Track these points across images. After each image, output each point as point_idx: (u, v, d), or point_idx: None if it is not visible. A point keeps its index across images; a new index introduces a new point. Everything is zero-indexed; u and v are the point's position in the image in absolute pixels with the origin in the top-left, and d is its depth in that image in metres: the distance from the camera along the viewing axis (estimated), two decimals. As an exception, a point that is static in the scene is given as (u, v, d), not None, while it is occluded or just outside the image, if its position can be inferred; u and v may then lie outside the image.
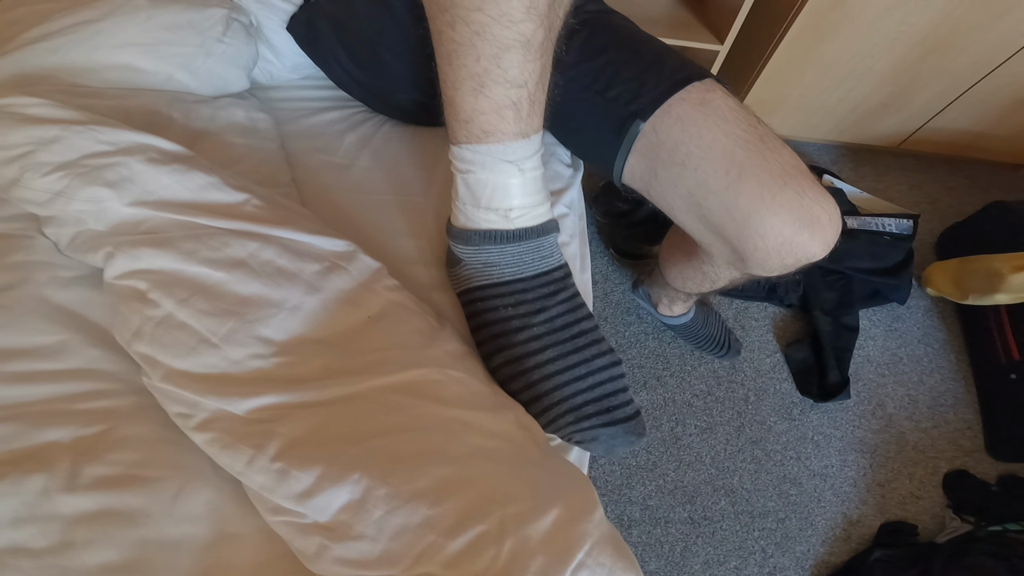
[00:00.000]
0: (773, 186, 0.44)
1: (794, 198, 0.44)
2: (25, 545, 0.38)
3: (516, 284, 0.49)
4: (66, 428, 0.41)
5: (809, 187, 0.45)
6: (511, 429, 0.42)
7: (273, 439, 0.38)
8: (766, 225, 0.45)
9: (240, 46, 0.61)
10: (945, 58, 1.08)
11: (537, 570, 0.34)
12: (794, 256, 0.47)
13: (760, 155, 0.45)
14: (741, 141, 0.45)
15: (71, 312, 0.44)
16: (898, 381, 1.16)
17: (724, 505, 1.03)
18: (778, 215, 0.44)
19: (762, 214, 0.45)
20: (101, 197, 0.42)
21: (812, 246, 0.46)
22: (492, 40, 0.36)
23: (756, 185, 0.44)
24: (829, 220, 0.46)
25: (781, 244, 0.46)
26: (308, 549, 0.37)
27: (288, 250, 0.45)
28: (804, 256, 0.47)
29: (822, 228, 0.46)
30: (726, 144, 0.46)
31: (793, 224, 0.45)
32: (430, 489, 0.36)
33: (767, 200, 0.44)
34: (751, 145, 0.45)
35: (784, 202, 0.44)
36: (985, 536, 0.95)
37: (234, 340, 0.40)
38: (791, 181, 0.45)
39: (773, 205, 0.44)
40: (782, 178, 0.45)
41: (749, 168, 0.45)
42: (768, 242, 0.46)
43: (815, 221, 0.45)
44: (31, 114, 0.43)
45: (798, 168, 0.46)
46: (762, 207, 0.45)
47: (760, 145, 0.46)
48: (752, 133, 0.46)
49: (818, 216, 0.45)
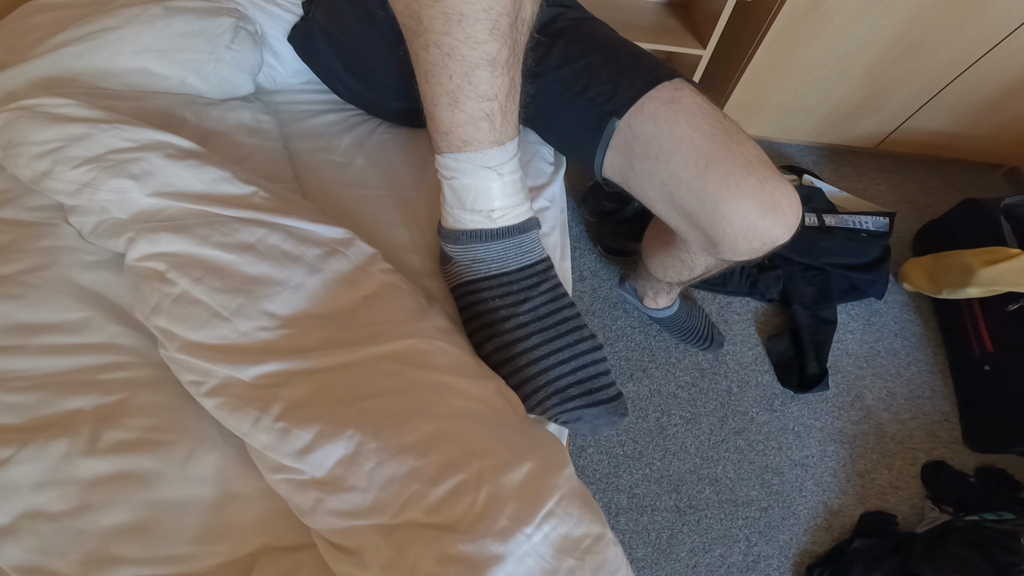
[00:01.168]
0: (737, 175, 0.49)
1: (756, 186, 0.49)
2: (44, 509, 0.41)
3: (502, 277, 0.52)
4: (88, 396, 0.44)
5: (770, 176, 0.50)
6: (491, 396, 0.46)
7: (276, 402, 0.42)
8: (732, 211, 0.49)
9: (247, 53, 0.66)
10: (917, 61, 1.12)
11: (510, 515, 0.38)
12: (760, 239, 0.51)
13: (725, 147, 0.49)
14: (708, 135, 0.50)
15: (94, 292, 0.49)
16: (876, 374, 1.20)
17: (709, 494, 1.06)
18: (743, 201, 0.49)
19: (728, 201, 0.49)
20: (125, 188, 0.46)
21: (775, 229, 0.51)
22: (462, 60, 0.40)
23: (722, 174, 0.49)
24: (789, 206, 0.50)
25: (747, 228, 0.50)
26: (305, 504, 0.41)
27: (292, 236, 0.49)
28: (769, 239, 0.51)
29: (783, 213, 0.50)
30: (694, 138, 0.50)
31: (757, 210, 0.49)
32: (416, 443, 0.40)
33: (732, 188, 0.49)
34: (717, 138, 0.50)
35: (748, 189, 0.49)
36: (963, 526, 0.97)
37: (243, 314, 0.44)
38: (754, 171, 0.49)
39: (738, 192, 0.49)
40: (745, 167, 0.49)
41: (715, 159, 0.49)
42: (735, 227, 0.50)
43: (776, 206, 0.50)
44: (61, 113, 0.48)
45: (760, 159, 0.50)
46: (728, 194, 0.49)
47: (725, 138, 0.50)
48: (718, 128, 0.51)
49: (779, 202, 0.50)
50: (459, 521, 0.38)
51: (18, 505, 0.40)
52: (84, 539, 0.41)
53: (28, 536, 0.40)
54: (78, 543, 0.41)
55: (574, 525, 0.40)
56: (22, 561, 0.39)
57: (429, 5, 0.37)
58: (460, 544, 0.37)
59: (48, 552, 0.40)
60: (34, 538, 0.40)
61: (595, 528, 0.41)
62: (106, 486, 0.42)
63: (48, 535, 0.40)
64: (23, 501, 0.40)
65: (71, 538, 0.41)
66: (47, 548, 0.40)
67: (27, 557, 0.40)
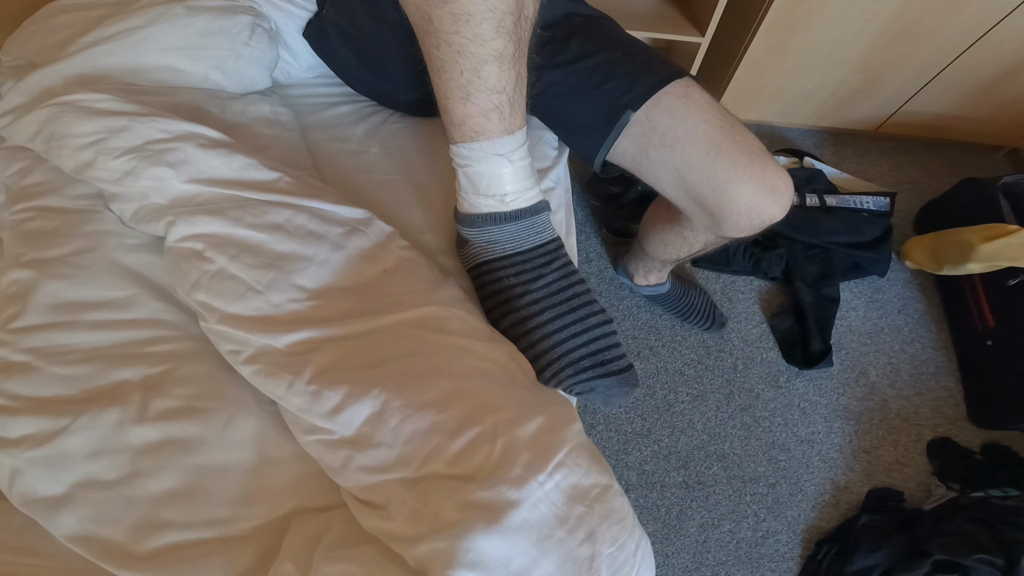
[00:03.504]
0: (743, 162, 0.56)
1: (759, 171, 0.56)
2: (98, 477, 0.43)
3: (516, 257, 0.56)
4: (136, 368, 0.48)
5: (769, 163, 0.57)
6: (504, 359, 0.49)
7: (308, 366, 0.45)
8: (739, 193, 0.56)
9: (264, 49, 0.69)
10: (912, 45, 1.13)
11: (524, 464, 0.41)
12: (759, 217, 0.58)
13: (732, 138, 0.56)
14: (717, 127, 0.56)
15: (137, 272, 0.52)
16: (880, 350, 1.21)
17: (716, 470, 1.08)
18: (748, 185, 0.56)
19: (736, 185, 0.56)
20: (163, 176, 0.50)
21: (774, 208, 0.58)
22: (471, 56, 0.43)
23: (731, 162, 0.56)
24: (785, 188, 0.58)
25: (750, 208, 0.57)
26: (336, 463, 0.44)
27: (316, 216, 0.53)
28: (768, 216, 0.58)
29: (781, 194, 0.58)
30: (706, 130, 0.56)
31: (759, 192, 0.56)
32: (436, 399, 0.43)
33: (739, 173, 0.56)
34: (725, 130, 0.56)
35: (752, 175, 0.56)
36: (969, 503, 0.99)
37: (275, 288, 0.48)
38: (756, 158, 0.56)
39: (744, 177, 0.56)
40: (749, 156, 0.56)
41: (725, 148, 0.56)
42: (740, 207, 0.57)
43: (775, 189, 0.57)
44: (101, 108, 0.52)
45: (760, 148, 0.58)
46: (736, 179, 0.56)
47: (731, 130, 0.57)
48: (725, 121, 0.57)
49: (777, 185, 0.57)
50: (477, 471, 0.41)
51: (73, 474, 0.43)
52: (135, 506, 0.43)
53: (83, 505, 0.42)
54: (129, 510, 0.43)
55: (583, 475, 0.43)
56: (76, 531, 0.41)
57: (439, 6, 0.40)
58: (479, 492, 0.39)
59: (101, 520, 0.42)
60: (88, 507, 0.42)
61: (603, 479, 0.44)
62: (155, 453, 0.45)
63: (101, 503, 0.42)
64: (78, 470, 0.43)
65: (123, 505, 0.43)
66: (100, 516, 0.42)
67: (81, 526, 0.42)
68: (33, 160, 0.56)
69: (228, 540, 0.44)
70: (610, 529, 0.41)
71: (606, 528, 0.41)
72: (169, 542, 0.43)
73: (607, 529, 0.41)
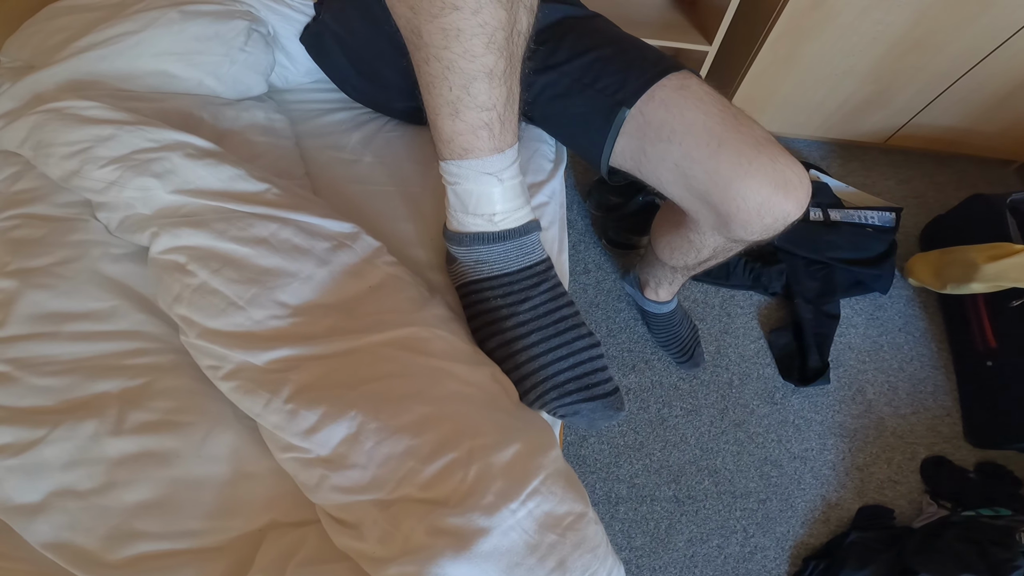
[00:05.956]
0: (749, 154, 0.51)
1: (768, 163, 0.51)
2: (74, 487, 0.43)
3: (504, 278, 0.54)
4: (115, 380, 0.48)
5: (780, 154, 0.52)
6: (486, 381, 0.49)
7: (286, 385, 0.45)
8: (746, 188, 0.51)
9: (260, 54, 0.68)
10: (924, 56, 1.11)
11: (497, 491, 0.41)
12: (772, 215, 0.53)
13: (735, 129, 0.52)
14: (717, 118, 0.52)
15: (120, 283, 0.52)
16: (879, 368, 1.20)
17: (707, 485, 1.08)
18: (755, 178, 0.51)
19: (741, 178, 0.51)
20: (149, 186, 0.50)
21: (787, 205, 0.52)
22: (460, 72, 0.42)
23: (734, 154, 0.51)
24: (800, 182, 0.52)
25: (760, 204, 0.52)
26: (310, 481, 0.44)
27: (302, 230, 0.52)
28: (782, 215, 0.53)
29: (795, 189, 0.52)
30: (705, 121, 0.52)
31: (769, 186, 0.51)
32: (413, 423, 0.43)
33: (744, 166, 0.51)
34: (727, 121, 0.52)
35: (759, 167, 0.51)
36: (959, 521, 0.98)
37: (257, 303, 0.48)
38: (764, 150, 0.51)
39: (750, 170, 0.51)
40: (755, 147, 0.51)
41: (726, 139, 0.51)
42: (749, 203, 0.52)
43: (788, 183, 0.51)
44: (88, 115, 0.52)
45: (769, 139, 0.52)
46: (741, 172, 0.51)
47: (734, 121, 0.52)
48: (726, 111, 0.53)
49: (790, 179, 0.52)
50: (449, 496, 0.41)
51: (49, 483, 0.43)
52: (108, 515, 0.43)
53: (58, 513, 0.42)
54: (103, 519, 0.43)
55: (557, 503, 0.42)
56: (51, 538, 0.42)
57: (428, 20, 0.39)
58: (449, 517, 0.39)
59: (75, 528, 0.42)
60: (63, 515, 0.42)
61: (577, 507, 0.43)
62: (130, 464, 0.45)
63: (76, 512, 0.43)
64: (54, 479, 0.43)
65: (97, 515, 0.43)
66: (75, 524, 0.42)
67: (55, 534, 0.42)
68: (23, 165, 0.56)
69: (202, 551, 0.44)
70: (581, 558, 0.41)
71: (577, 556, 0.41)
72: (142, 551, 0.43)
73: (579, 558, 0.41)
